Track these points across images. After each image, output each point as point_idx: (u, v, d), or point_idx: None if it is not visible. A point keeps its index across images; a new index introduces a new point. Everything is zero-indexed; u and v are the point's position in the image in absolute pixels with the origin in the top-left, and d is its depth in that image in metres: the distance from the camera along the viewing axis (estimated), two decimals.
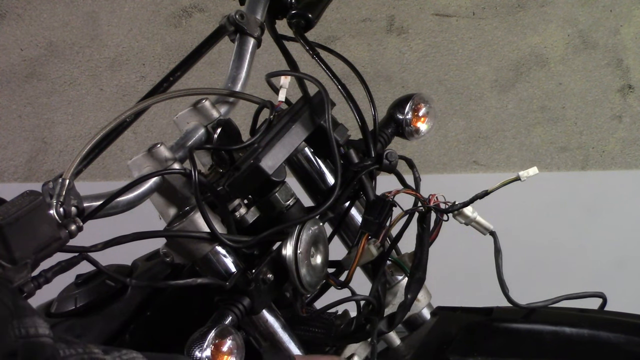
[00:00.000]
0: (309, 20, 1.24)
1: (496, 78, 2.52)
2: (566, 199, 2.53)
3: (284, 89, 1.17)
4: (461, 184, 2.48)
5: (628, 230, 2.51)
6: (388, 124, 1.26)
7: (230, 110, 1.20)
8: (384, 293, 1.16)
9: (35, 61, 2.61)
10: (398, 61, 2.53)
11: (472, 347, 1.16)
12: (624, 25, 2.48)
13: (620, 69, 2.49)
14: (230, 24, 1.22)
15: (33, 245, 0.88)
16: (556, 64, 2.51)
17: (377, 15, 2.53)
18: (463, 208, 1.13)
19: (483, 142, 2.54)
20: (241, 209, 1.09)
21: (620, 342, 1.13)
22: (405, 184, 1.21)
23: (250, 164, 1.06)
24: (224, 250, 1.06)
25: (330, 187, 1.20)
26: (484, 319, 1.21)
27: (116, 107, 2.58)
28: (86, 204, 0.99)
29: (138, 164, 1.08)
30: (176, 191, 1.07)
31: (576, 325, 1.16)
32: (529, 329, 1.18)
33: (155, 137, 2.56)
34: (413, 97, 1.26)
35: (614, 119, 2.51)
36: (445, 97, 2.52)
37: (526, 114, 2.53)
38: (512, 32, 2.51)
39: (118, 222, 1.06)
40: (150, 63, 2.59)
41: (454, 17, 2.52)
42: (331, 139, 1.13)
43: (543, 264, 2.49)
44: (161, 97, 1.15)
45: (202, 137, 1.13)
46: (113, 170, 2.60)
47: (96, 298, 1.17)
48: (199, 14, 2.56)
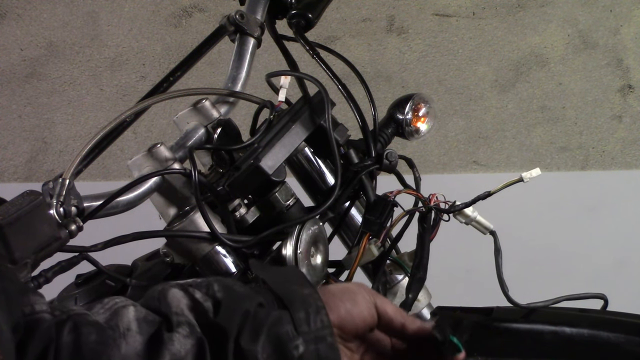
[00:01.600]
0: (309, 20, 1.24)
1: (496, 78, 2.52)
2: (566, 199, 2.53)
3: (284, 89, 1.17)
4: (461, 184, 2.48)
5: (628, 230, 2.51)
6: (388, 124, 1.26)
7: (230, 110, 1.20)
8: (384, 293, 1.16)
9: (35, 61, 2.61)
10: (398, 61, 2.53)
11: (472, 347, 1.16)
12: (624, 25, 2.48)
13: (620, 69, 2.49)
14: (230, 24, 1.22)
15: (33, 245, 0.88)
16: (556, 64, 2.51)
17: (377, 15, 2.53)
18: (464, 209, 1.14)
19: (483, 142, 2.54)
20: (241, 209, 1.09)
21: (620, 342, 1.13)
22: (406, 184, 1.21)
23: (250, 163, 1.06)
24: (224, 250, 1.06)
25: (330, 187, 1.20)
26: (484, 319, 1.21)
27: (116, 107, 2.58)
28: (86, 204, 0.99)
29: (138, 164, 1.08)
30: (176, 191, 1.07)
31: (576, 325, 1.16)
32: (529, 329, 1.18)
33: (155, 137, 2.56)
34: (413, 97, 1.26)
35: (614, 119, 2.51)
36: (445, 97, 2.52)
37: (526, 114, 2.53)
38: (512, 32, 2.51)
39: (118, 222, 1.06)
40: (150, 63, 2.59)
41: (454, 17, 2.52)
42: (331, 139, 1.13)
43: (543, 264, 2.49)
44: (161, 97, 1.15)
45: (202, 137, 1.13)
46: (113, 170, 2.59)
47: (96, 298, 1.16)
48: (199, 14, 2.56)
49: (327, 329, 0.83)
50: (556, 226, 2.51)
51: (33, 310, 0.77)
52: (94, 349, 0.77)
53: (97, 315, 0.80)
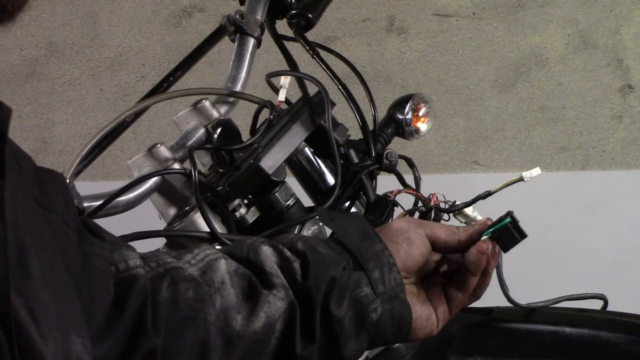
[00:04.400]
0: (309, 20, 1.23)
1: (496, 78, 2.52)
2: (566, 199, 2.53)
3: (284, 89, 1.17)
4: (461, 184, 2.48)
5: (628, 231, 2.51)
6: (388, 124, 1.26)
7: (230, 110, 1.20)
8: None
9: (35, 61, 2.61)
10: (398, 61, 2.53)
11: (472, 347, 1.16)
12: (624, 25, 2.48)
13: (620, 69, 2.49)
14: (230, 24, 1.22)
15: None
16: (556, 64, 2.51)
17: (377, 15, 2.53)
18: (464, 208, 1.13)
19: (483, 142, 2.54)
20: (241, 209, 1.09)
21: (620, 342, 1.13)
22: (406, 184, 1.21)
23: (250, 163, 1.06)
24: None
25: (330, 187, 1.20)
26: (484, 318, 1.21)
27: (116, 107, 2.58)
28: (86, 204, 0.99)
29: (138, 164, 1.08)
30: (176, 191, 1.07)
31: (576, 325, 1.16)
32: (529, 329, 1.18)
33: (155, 137, 2.55)
34: (413, 97, 1.26)
35: (614, 119, 2.51)
36: (445, 97, 2.52)
37: (526, 114, 2.53)
38: (512, 32, 2.51)
39: (118, 222, 1.06)
40: (150, 63, 2.59)
41: (454, 17, 2.52)
42: (331, 139, 1.13)
43: (543, 264, 2.49)
44: (161, 97, 1.15)
45: (202, 137, 1.13)
46: (113, 170, 2.59)
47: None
48: (199, 14, 2.56)
49: (400, 286, 0.87)
50: (556, 226, 2.51)
51: (127, 267, 0.79)
52: (192, 306, 0.80)
53: (190, 268, 0.82)
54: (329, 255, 0.86)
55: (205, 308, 0.81)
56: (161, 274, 0.80)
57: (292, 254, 0.86)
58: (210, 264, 0.83)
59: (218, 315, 0.81)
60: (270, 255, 0.85)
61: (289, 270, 0.84)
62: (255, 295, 0.82)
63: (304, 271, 0.84)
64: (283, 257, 0.85)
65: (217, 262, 0.83)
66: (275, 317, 0.82)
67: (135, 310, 0.77)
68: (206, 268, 0.83)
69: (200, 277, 0.82)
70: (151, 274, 0.80)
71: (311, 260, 0.84)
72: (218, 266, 0.83)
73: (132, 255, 0.80)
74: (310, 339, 0.83)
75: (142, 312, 0.78)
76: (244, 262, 0.85)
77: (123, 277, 0.78)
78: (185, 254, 0.85)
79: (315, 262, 0.84)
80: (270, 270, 0.84)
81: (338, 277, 0.84)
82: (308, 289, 0.83)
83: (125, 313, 0.76)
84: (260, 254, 0.85)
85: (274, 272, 0.84)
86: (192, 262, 0.83)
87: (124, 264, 0.79)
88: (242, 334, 0.81)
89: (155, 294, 0.79)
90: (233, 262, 0.84)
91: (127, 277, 0.78)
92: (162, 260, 0.82)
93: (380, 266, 0.86)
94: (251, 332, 0.82)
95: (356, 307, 0.85)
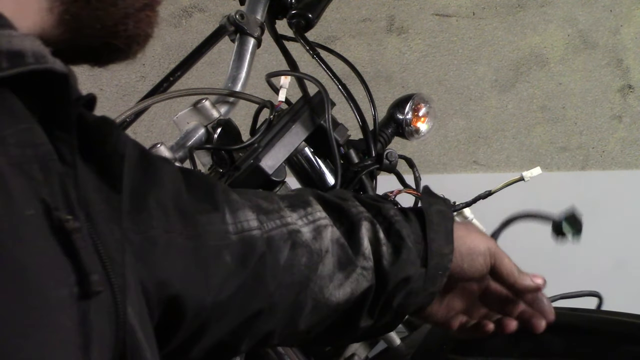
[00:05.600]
0: (309, 20, 1.24)
1: (496, 78, 2.52)
2: (566, 199, 2.53)
3: (284, 89, 1.17)
4: (461, 184, 2.48)
5: (628, 230, 2.51)
6: (388, 124, 1.26)
7: (230, 110, 1.20)
8: None
9: None
10: (398, 61, 2.53)
11: (472, 347, 1.16)
12: (624, 25, 2.48)
13: (620, 69, 2.49)
14: (230, 24, 1.22)
15: None
16: (556, 64, 2.51)
17: (377, 15, 2.53)
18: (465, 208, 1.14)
19: (483, 142, 2.54)
20: None
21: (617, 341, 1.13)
22: (406, 184, 1.21)
23: (251, 163, 1.06)
24: None
25: (330, 187, 1.20)
26: None
27: (116, 107, 2.58)
28: None
29: None
30: None
31: (575, 324, 1.16)
32: None
33: (155, 137, 2.55)
34: (413, 97, 1.26)
35: (614, 119, 2.51)
36: (445, 97, 2.52)
37: (526, 114, 2.53)
38: (512, 32, 2.51)
39: None
40: (150, 63, 2.59)
41: (454, 17, 2.52)
42: (331, 139, 1.13)
43: (542, 264, 2.48)
44: (161, 97, 1.15)
45: (202, 137, 1.13)
46: None
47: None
48: (199, 14, 2.56)
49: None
50: None
51: (244, 228, 0.81)
52: (303, 272, 0.84)
53: (303, 227, 0.86)
54: (414, 256, 0.90)
55: (312, 275, 0.85)
56: (285, 235, 0.84)
57: (385, 237, 0.90)
58: (320, 230, 0.87)
59: (316, 281, 0.86)
60: (367, 233, 0.89)
61: (379, 252, 0.89)
62: (349, 269, 0.87)
63: (391, 258, 0.89)
64: (377, 239, 0.89)
65: (325, 230, 0.87)
66: (357, 294, 0.88)
67: (254, 271, 0.81)
68: (317, 233, 0.87)
69: (312, 244, 0.86)
70: (275, 233, 0.84)
71: (402, 255, 0.89)
72: (326, 233, 0.87)
73: (251, 215, 0.83)
74: (371, 316, 0.90)
75: (259, 273, 0.81)
76: (344, 232, 0.89)
77: (243, 237, 0.81)
78: (298, 208, 0.88)
79: (402, 256, 0.89)
80: (364, 252, 0.88)
81: (412, 279, 0.90)
82: (385, 277, 0.88)
83: (247, 270, 0.80)
84: (360, 230, 0.89)
85: (367, 254, 0.88)
86: (304, 221, 0.87)
87: (240, 225, 0.81)
88: (328, 302, 0.86)
89: (277, 254, 0.83)
90: (337, 231, 0.88)
91: (247, 237, 0.81)
92: (284, 220, 0.85)
93: (443, 269, 0.92)
94: (335, 302, 0.87)
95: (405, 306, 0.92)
